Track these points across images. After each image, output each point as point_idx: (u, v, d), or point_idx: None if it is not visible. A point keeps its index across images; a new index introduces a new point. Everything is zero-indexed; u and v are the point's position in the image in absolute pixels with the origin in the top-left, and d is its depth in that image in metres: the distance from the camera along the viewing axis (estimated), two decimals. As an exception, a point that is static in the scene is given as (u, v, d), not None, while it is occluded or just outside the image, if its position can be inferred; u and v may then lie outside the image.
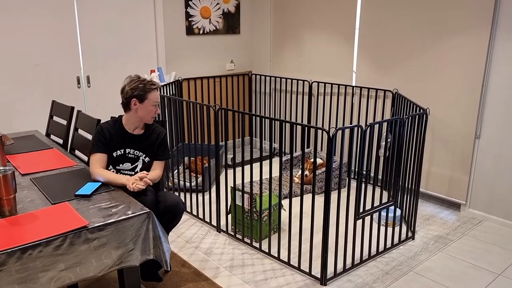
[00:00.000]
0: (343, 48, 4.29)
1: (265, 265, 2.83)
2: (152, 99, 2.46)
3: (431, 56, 3.60)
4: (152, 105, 2.47)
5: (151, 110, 2.48)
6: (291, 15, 4.73)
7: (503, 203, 3.37)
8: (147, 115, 2.48)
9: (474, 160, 3.48)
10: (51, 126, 3.39)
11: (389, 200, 2.90)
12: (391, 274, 2.73)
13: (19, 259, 1.66)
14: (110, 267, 1.89)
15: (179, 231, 3.28)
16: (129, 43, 4.26)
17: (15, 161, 2.64)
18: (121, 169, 2.50)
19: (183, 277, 2.67)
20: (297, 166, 4.52)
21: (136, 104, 2.44)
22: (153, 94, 2.46)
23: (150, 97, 2.45)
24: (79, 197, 2.11)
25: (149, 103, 2.45)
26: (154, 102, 2.47)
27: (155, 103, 2.47)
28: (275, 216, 3.11)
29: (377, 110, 4.07)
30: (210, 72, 4.94)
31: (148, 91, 2.44)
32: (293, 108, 4.88)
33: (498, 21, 3.19)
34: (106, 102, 4.18)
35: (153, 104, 2.47)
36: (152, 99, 2.46)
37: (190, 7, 4.59)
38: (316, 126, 2.47)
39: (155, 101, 2.47)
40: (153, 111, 2.48)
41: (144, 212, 1.98)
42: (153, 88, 2.46)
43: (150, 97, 2.45)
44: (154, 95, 2.46)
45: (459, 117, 3.50)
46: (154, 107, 2.48)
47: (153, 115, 2.50)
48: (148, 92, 2.44)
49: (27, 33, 3.67)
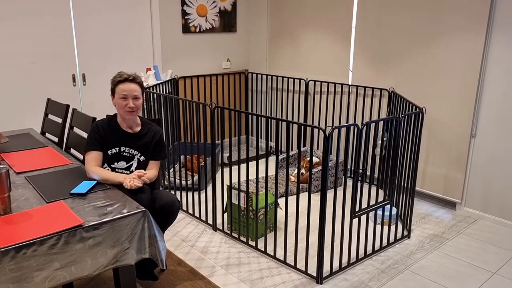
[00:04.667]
0: (339, 46, 4.29)
1: (261, 263, 2.82)
2: (118, 91, 2.36)
3: (428, 55, 3.60)
4: (121, 97, 2.36)
5: (121, 104, 2.37)
6: (288, 13, 4.73)
7: (499, 201, 3.38)
8: (120, 109, 2.39)
9: (470, 159, 3.50)
10: (46, 124, 3.37)
11: (385, 198, 2.91)
12: (387, 272, 2.74)
13: (13, 258, 1.65)
14: (106, 266, 1.88)
15: (175, 229, 3.27)
16: (125, 41, 4.24)
17: (9, 159, 2.62)
18: (116, 167, 2.48)
19: (179, 276, 2.66)
20: (293, 164, 4.52)
21: (112, 99, 2.40)
22: (120, 86, 2.36)
23: (117, 89, 2.36)
24: (74, 196, 2.10)
25: (118, 96, 2.37)
26: (121, 94, 2.35)
27: (123, 95, 2.35)
28: (271, 214, 3.11)
29: (373, 109, 4.07)
30: (206, 70, 4.93)
31: (117, 84, 2.37)
32: (289, 106, 4.88)
33: (494, 21, 3.20)
34: (102, 100, 4.16)
35: (121, 96, 2.35)
36: (119, 92, 2.36)
37: (187, 5, 4.57)
38: (312, 125, 2.47)
39: (122, 93, 2.35)
40: (123, 104, 2.36)
41: (140, 210, 1.98)
42: (120, 80, 2.36)
43: (117, 90, 2.36)
44: (121, 87, 2.36)
45: (455, 116, 3.51)
46: (124, 100, 2.36)
47: (126, 109, 2.38)
48: (117, 85, 2.36)
49: (21, 30, 3.65)
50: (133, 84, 2.39)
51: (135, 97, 2.40)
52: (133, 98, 2.39)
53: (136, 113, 2.44)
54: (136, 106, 2.40)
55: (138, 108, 2.42)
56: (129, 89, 2.37)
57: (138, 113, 2.47)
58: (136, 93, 2.39)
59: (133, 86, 2.38)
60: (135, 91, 2.39)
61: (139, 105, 2.43)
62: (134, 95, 2.39)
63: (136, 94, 2.40)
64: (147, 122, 2.59)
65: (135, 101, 2.40)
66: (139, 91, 2.42)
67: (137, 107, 2.41)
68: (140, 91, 2.44)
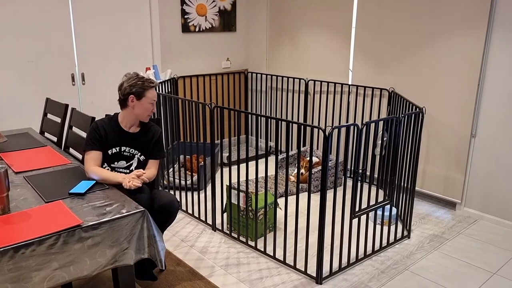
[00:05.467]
0: (339, 46, 4.28)
1: (261, 264, 2.82)
2: (149, 96, 2.47)
3: (428, 55, 3.60)
4: (150, 103, 2.48)
5: (148, 108, 2.48)
6: (288, 13, 4.72)
7: (499, 202, 3.38)
8: (144, 112, 2.49)
9: (470, 159, 3.49)
10: (45, 123, 3.36)
11: (385, 199, 2.90)
12: (386, 273, 2.73)
13: (11, 258, 1.64)
14: (104, 266, 1.88)
15: (174, 229, 3.27)
16: (124, 40, 4.23)
17: (8, 159, 2.61)
18: (116, 167, 2.48)
19: (178, 276, 2.66)
20: (293, 164, 4.51)
21: (133, 101, 2.43)
22: (151, 92, 2.47)
23: (148, 94, 2.46)
24: (73, 196, 2.09)
25: (147, 101, 2.46)
26: (152, 100, 2.48)
27: (153, 101, 2.49)
28: (270, 214, 3.10)
29: (373, 108, 4.06)
30: (206, 70, 4.92)
31: (147, 89, 2.46)
32: (289, 106, 4.87)
33: (494, 20, 3.19)
34: (101, 99, 4.15)
35: (151, 102, 2.48)
36: (149, 97, 2.47)
37: (186, 5, 4.56)
38: (312, 125, 2.46)
39: (153, 99, 2.48)
40: (149, 109, 2.49)
41: (139, 210, 1.97)
42: (151, 86, 2.48)
43: (148, 95, 2.46)
44: (152, 93, 2.48)
45: (455, 116, 3.51)
46: (151, 105, 2.49)
47: (149, 113, 2.51)
48: (146, 90, 2.45)
49: (20, 28, 3.64)
50: (155, 91, 2.54)
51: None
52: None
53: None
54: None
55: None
56: (156, 95, 2.52)
57: None
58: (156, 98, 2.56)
59: (155, 93, 2.53)
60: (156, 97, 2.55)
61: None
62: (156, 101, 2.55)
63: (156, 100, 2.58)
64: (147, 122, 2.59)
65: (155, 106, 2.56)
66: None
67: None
68: None
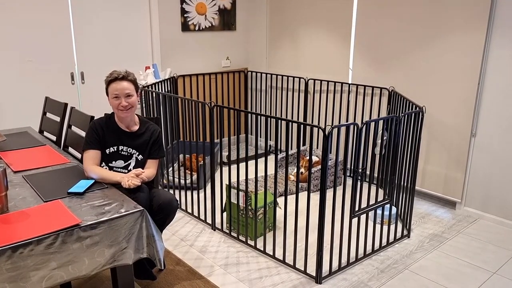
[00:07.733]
0: (339, 45, 4.27)
1: (260, 263, 2.81)
2: (111, 91, 2.36)
3: (428, 54, 3.59)
4: (113, 97, 2.35)
5: (114, 103, 2.37)
6: (288, 12, 4.71)
7: (499, 201, 3.37)
8: (114, 109, 2.39)
9: (470, 158, 3.48)
10: (44, 122, 3.36)
11: (384, 198, 2.90)
12: (386, 272, 2.73)
13: (10, 257, 1.64)
14: (103, 265, 1.87)
15: (173, 228, 3.26)
16: (124, 39, 4.23)
17: (7, 158, 2.61)
18: (114, 166, 2.47)
19: (177, 275, 2.65)
20: (293, 164, 4.51)
21: (108, 100, 2.40)
22: (111, 86, 2.36)
23: (110, 89, 2.37)
24: (72, 195, 2.09)
25: (111, 96, 2.37)
26: (113, 94, 2.35)
27: (115, 95, 2.35)
28: (270, 214, 3.10)
29: (373, 108, 4.06)
30: (205, 69, 4.91)
31: (108, 84, 2.37)
32: (289, 105, 4.86)
33: (494, 20, 3.18)
34: (101, 98, 4.15)
35: (113, 96, 2.35)
36: (111, 92, 2.36)
37: (186, 3, 4.56)
38: (312, 124, 2.45)
39: (114, 94, 2.35)
40: (116, 104, 2.36)
41: (138, 210, 1.96)
42: (109, 80, 2.36)
43: (110, 90, 2.37)
44: (113, 86, 2.35)
45: (455, 115, 3.50)
46: (116, 99, 2.35)
47: (119, 108, 2.37)
48: (110, 84, 2.37)
49: (19, 27, 3.63)
50: (124, 82, 2.37)
51: (128, 95, 2.37)
52: (125, 97, 2.37)
53: (131, 110, 2.41)
54: (130, 103, 2.38)
55: (132, 105, 2.40)
56: (121, 87, 2.35)
57: (133, 111, 2.43)
58: (127, 91, 2.37)
59: (124, 84, 2.36)
60: (126, 89, 2.36)
61: (133, 102, 2.40)
62: (126, 93, 2.37)
63: (128, 92, 2.37)
64: (145, 120, 2.57)
65: (128, 99, 2.38)
66: (131, 89, 2.39)
67: (131, 104, 2.39)
68: (133, 88, 2.41)
